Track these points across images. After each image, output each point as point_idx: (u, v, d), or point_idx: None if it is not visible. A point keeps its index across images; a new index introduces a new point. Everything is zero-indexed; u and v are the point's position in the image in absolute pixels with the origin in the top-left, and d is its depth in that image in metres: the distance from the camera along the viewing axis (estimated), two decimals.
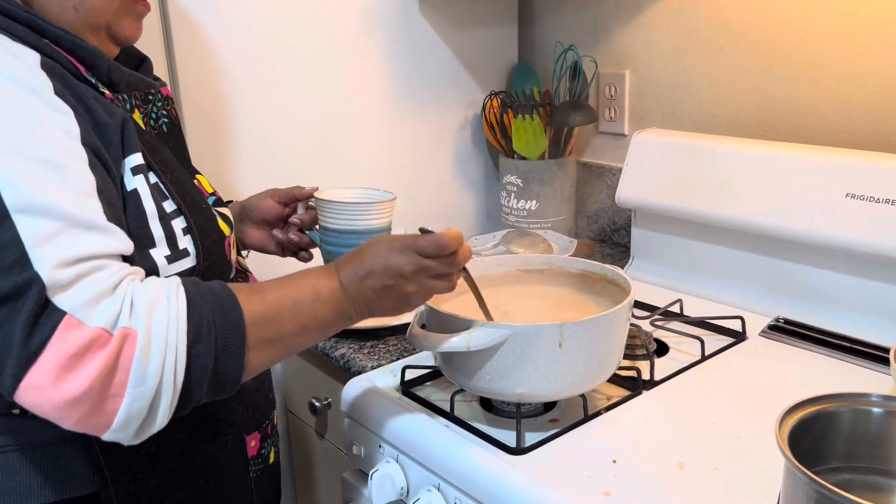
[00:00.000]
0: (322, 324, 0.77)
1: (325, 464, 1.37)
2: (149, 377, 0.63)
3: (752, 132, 1.35)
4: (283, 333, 0.74)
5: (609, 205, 1.59)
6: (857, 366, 1.02)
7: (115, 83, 0.81)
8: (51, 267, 0.61)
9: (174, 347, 0.65)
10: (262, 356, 0.73)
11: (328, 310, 0.77)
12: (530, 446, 0.86)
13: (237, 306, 0.70)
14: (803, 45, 1.25)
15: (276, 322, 0.73)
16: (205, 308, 0.68)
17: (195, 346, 0.66)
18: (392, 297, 0.79)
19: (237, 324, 0.69)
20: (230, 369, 0.69)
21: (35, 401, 0.62)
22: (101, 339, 0.62)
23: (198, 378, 0.67)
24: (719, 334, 1.13)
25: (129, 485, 0.79)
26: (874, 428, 0.70)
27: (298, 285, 0.76)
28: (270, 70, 1.36)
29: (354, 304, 0.78)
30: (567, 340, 0.83)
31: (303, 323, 0.75)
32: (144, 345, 0.63)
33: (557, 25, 1.64)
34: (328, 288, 0.77)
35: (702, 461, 0.82)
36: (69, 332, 0.61)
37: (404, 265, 0.77)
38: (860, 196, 1.05)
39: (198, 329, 0.67)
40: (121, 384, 0.63)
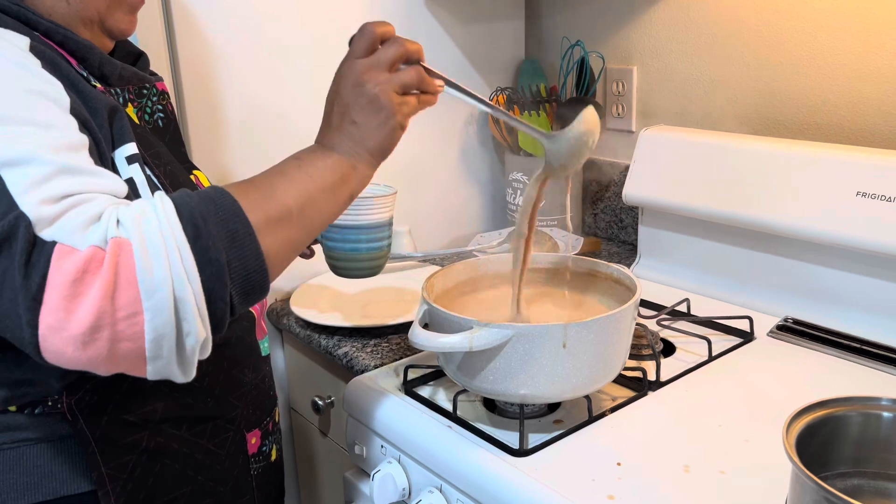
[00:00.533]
0: (323, 184, 0.73)
1: (328, 462, 1.37)
2: (158, 284, 0.59)
3: (762, 129, 1.33)
4: (286, 206, 0.69)
5: (616, 202, 1.57)
6: (867, 367, 1.01)
7: (106, 76, 0.80)
8: (35, 203, 0.59)
9: (175, 247, 0.61)
10: (277, 238, 0.68)
11: (320, 165, 0.73)
12: (534, 448, 0.85)
13: (227, 195, 0.66)
14: (813, 40, 1.23)
15: (272, 197, 0.69)
16: (193, 203, 0.64)
17: (197, 240, 0.62)
18: (367, 110, 0.75)
19: (234, 210, 0.65)
20: (248, 258, 0.65)
21: (58, 347, 0.59)
22: (97, 257, 0.59)
23: (215, 276, 0.62)
24: (727, 334, 1.11)
25: (126, 482, 0.78)
26: (884, 433, 0.69)
27: (281, 163, 0.74)
28: (273, 64, 1.35)
29: (345, 149, 0.74)
30: (571, 341, 0.81)
31: (301, 189, 0.71)
32: (141, 251, 0.60)
33: (564, 21, 1.63)
34: (309, 150, 0.75)
35: (708, 464, 0.81)
36: (63, 259, 0.58)
37: (354, 75, 0.74)
38: (871, 194, 1.04)
39: (194, 223, 0.63)
40: (133, 299, 0.59)
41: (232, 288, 0.64)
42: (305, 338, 1.25)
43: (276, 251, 0.68)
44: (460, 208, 1.69)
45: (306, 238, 0.72)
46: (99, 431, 0.76)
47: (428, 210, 1.61)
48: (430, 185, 1.61)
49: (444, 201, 1.65)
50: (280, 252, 0.69)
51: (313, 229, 0.73)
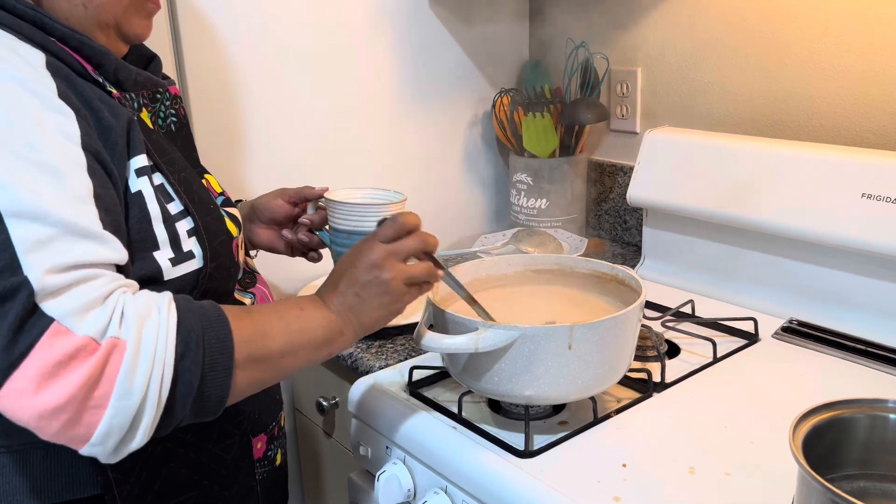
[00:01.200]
0: (311, 341, 0.76)
1: (333, 463, 1.37)
2: (134, 391, 0.62)
3: (766, 131, 1.33)
4: (271, 351, 0.73)
5: (620, 204, 1.57)
6: (873, 369, 1.00)
7: (122, 82, 0.81)
8: (41, 272, 0.60)
9: (162, 361, 0.64)
10: (249, 376, 0.71)
11: (315, 325, 0.76)
12: (539, 449, 0.85)
13: (227, 324, 0.69)
14: (818, 42, 1.23)
15: (263, 339, 0.72)
16: (194, 322, 0.67)
17: (183, 360, 0.65)
18: (374, 292, 0.78)
19: (225, 340, 0.68)
20: (216, 388, 0.68)
21: (14, 408, 0.60)
22: (89, 348, 0.60)
23: (183, 395, 0.66)
24: (732, 336, 1.11)
25: (133, 486, 0.78)
26: (891, 435, 0.69)
27: (284, 305, 0.77)
28: (279, 67, 1.35)
29: (342, 316, 0.78)
30: (577, 342, 0.81)
31: (290, 339, 0.74)
32: (133, 356, 0.62)
33: (569, 22, 1.63)
34: (312, 303, 0.78)
35: (713, 466, 0.81)
36: (56, 339, 0.60)
37: (371, 254, 0.78)
38: (876, 196, 1.04)
39: (186, 343, 0.66)
40: (104, 396, 0.61)
41: (190, 406, 0.67)
42: None
43: (241, 389, 0.71)
44: (464, 209, 1.69)
45: (274, 380, 0.76)
46: None
47: (432, 211, 1.61)
48: (434, 186, 1.61)
49: (448, 202, 1.65)
50: (245, 390, 0.72)
51: (284, 375, 0.77)
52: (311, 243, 1.11)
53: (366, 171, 1.50)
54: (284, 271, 1.38)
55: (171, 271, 0.76)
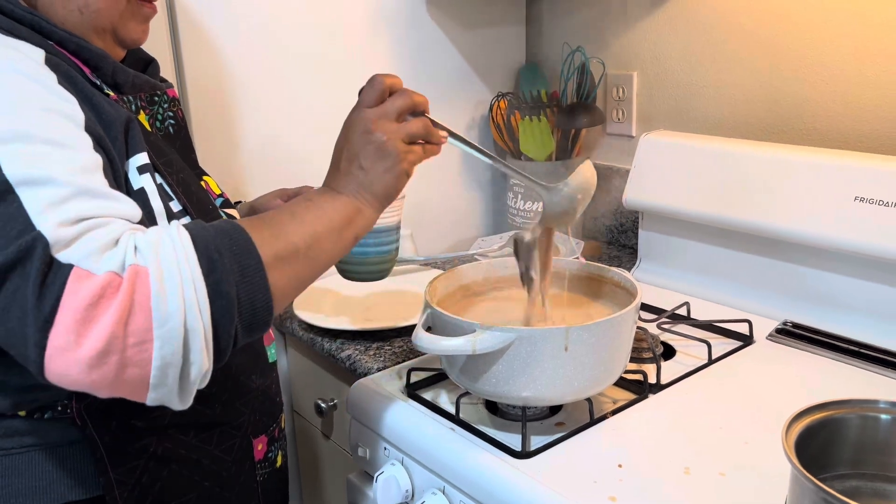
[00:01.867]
0: (330, 224, 0.75)
1: (331, 465, 1.37)
2: (171, 314, 0.60)
3: (761, 134, 1.34)
4: (294, 245, 0.71)
5: (616, 206, 1.58)
6: (865, 370, 1.01)
7: (119, 85, 0.81)
8: (54, 225, 0.60)
9: (190, 278, 0.62)
10: (284, 275, 0.70)
11: (328, 207, 0.76)
12: (536, 450, 0.85)
13: (242, 231, 0.68)
14: (812, 46, 1.25)
15: (282, 236, 0.71)
16: (209, 237, 0.65)
17: (211, 273, 0.63)
18: (374, 158, 0.77)
19: (248, 246, 0.67)
20: (256, 292, 0.66)
21: (64, 368, 0.59)
22: (114, 283, 0.59)
23: (224, 307, 0.63)
24: (727, 338, 1.12)
25: (134, 488, 0.78)
26: (882, 435, 0.70)
27: (291, 202, 0.76)
28: (277, 70, 1.36)
29: (352, 192, 0.77)
30: (573, 344, 0.82)
31: (309, 229, 0.73)
32: (157, 279, 0.60)
33: (565, 26, 1.64)
34: (318, 193, 0.78)
35: (708, 466, 0.82)
36: (79, 283, 0.59)
37: (361, 122, 0.78)
38: (869, 199, 1.05)
39: (209, 256, 0.64)
40: (145, 328, 0.59)
41: (238, 322, 0.65)
42: (309, 341, 1.25)
43: (282, 287, 0.70)
44: (462, 213, 1.70)
45: (311, 275, 0.75)
46: (107, 437, 0.76)
47: (430, 214, 1.62)
48: (432, 189, 1.62)
49: (445, 206, 1.66)
50: (286, 288, 0.71)
51: (319, 267, 0.75)
52: None
53: None
54: None
55: None
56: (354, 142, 0.78)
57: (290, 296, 0.72)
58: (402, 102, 0.80)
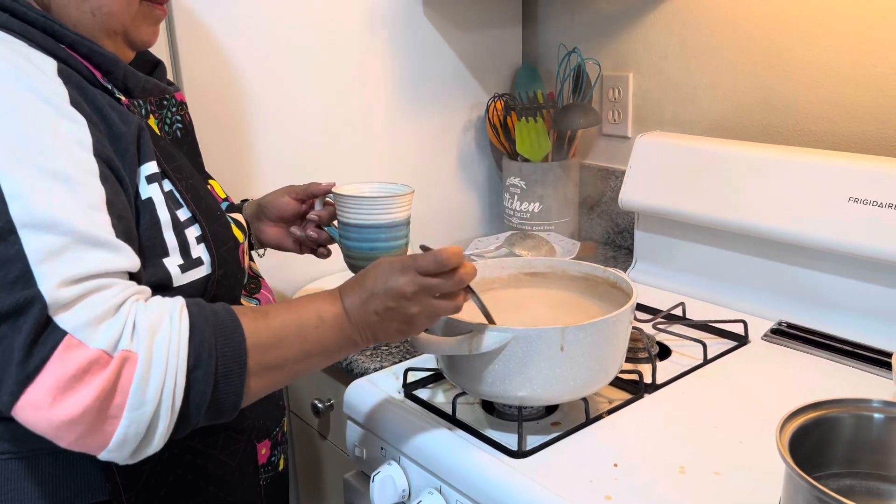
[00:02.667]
0: (325, 350, 0.76)
1: (328, 465, 1.38)
2: (147, 401, 0.63)
3: (756, 135, 1.35)
4: (285, 359, 0.73)
5: (612, 207, 1.59)
6: (859, 370, 1.02)
7: (130, 89, 0.81)
8: (54, 285, 0.61)
9: (174, 372, 0.64)
10: (262, 382, 0.72)
11: (332, 336, 0.76)
12: (532, 449, 0.86)
13: (240, 332, 0.69)
14: (807, 48, 1.25)
15: (278, 347, 0.72)
16: (207, 332, 0.67)
17: (195, 370, 0.66)
18: (395, 319, 0.77)
19: (239, 350, 0.68)
20: (229, 395, 0.68)
21: (32, 419, 0.61)
22: (101, 361, 0.61)
23: (196, 403, 0.66)
24: (722, 338, 1.13)
25: (140, 492, 0.79)
26: (875, 434, 0.70)
27: (303, 310, 0.75)
28: (274, 72, 1.36)
29: (359, 330, 0.77)
30: (569, 344, 0.83)
31: (306, 349, 0.74)
32: (145, 368, 0.63)
33: (561, 28, 1.64)
34: (332, 313, 0.76)
35: (703, 465, 0.82)
36: (69, 352, 0.60)
37: (405, 285, 0.75)
38: (863, 200, 1.05)
39: (199, 353, 0.66)
40: (119, 406, 0.62)
41: (204, 412, 0.68)
42: None
43: (255, 392, 0.72)
44: (458, 213, 1.70)
45: (284, 383, 0.77)
46: None
47: (426, 215, 1.62)
48: (428, 190, 1.62)
49: (442, 206, 1.66)
50: (258, 394, 0.72)
51: (296, 378, 0.77)
52: (320, 239, 1.09)
53: (360, 174, 1.51)
54: (285, 273, 1.39)
55: (180, 278, 0.76)
56: (387, 292, 0.76)
57: (259, 396, 0.74)
58: (450, 288, 0.78)
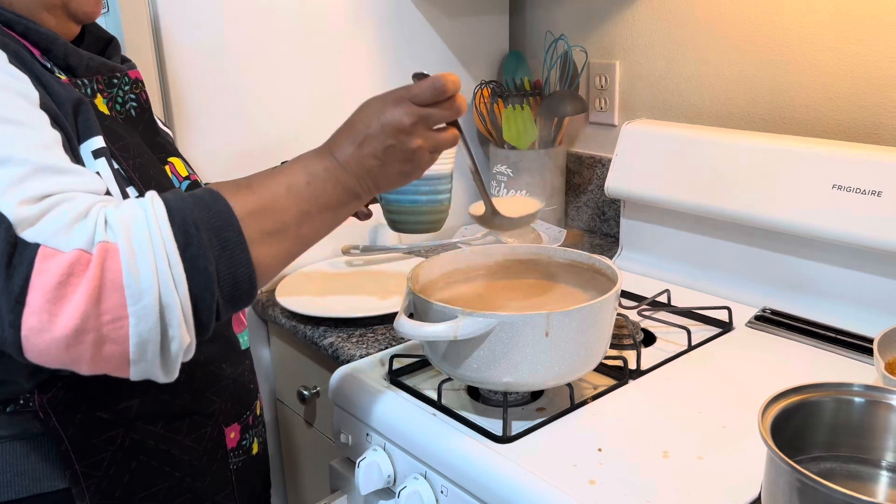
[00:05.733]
0: (325, 206, 0.71)
1: (314, 452, 1.38)
2: (145, 290, 0.59)
3: (741, 123, 1.35)
4: (284, 223, 0.68)
5: (598, 195, 1.59)
6: (841, 356, 1.03)
7: (73, 67, 0.78)
8: (15, 205, 0.58)
9: (163, 253, 0.60)
10: (271, 250, 0.67)
11: (328, 189, 0.71)
12: (517, 435, 0.86)
13: (223, 201, 0.65)
14: (793, 36, 1.26)
15: (272, 211, 0.68)
16: (187, 209, 0.63)
17: (187, 248, 0.61)
18: (396, 158, 0.72)
19: (228, 219, 0.64)
20: (239, 268, 0.64)
21: (42, 348, 0.58)
22: (82, 260, 0.58)
23: (203, 284, 0.62)
24: (706, 324, 1.13)
25: (101, 480, 0.77)
26: (856, 417, 0.71)
27: (289, 171, 0.71)
28: (260, 57, 1.35)
29: (357, 178, 0.72)
30: (554, 330, 0.83)
31: (304, 208, 0.70)
32: (128, 256, 0.59)
33: (548, 15, 1.64)
34: (322, 167, 0.71)
35: (686, 450, 0.83)
36: (47, 262, 0.57)
37: (402, 117, 0.71)
38: (846, 187, 1.06)
39: (185, 230, 0.62)
40: (119, 304, 0.58)
41: (220, 296, 0.64)
42: (291, 328, 1.25)
43: (266, 262, 0.67)
44: None
45: (299, 251, 0.72)
46: (72, 429, 0.75)
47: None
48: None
49: None
50: (271, 263, 0.68)
51: (308, 244, 0.72)
52: None
53: None
54: None
55: None
56: (383, 129, 0.72)
57: (277, 269, 0.70)
58: (450, 115, 0.74)
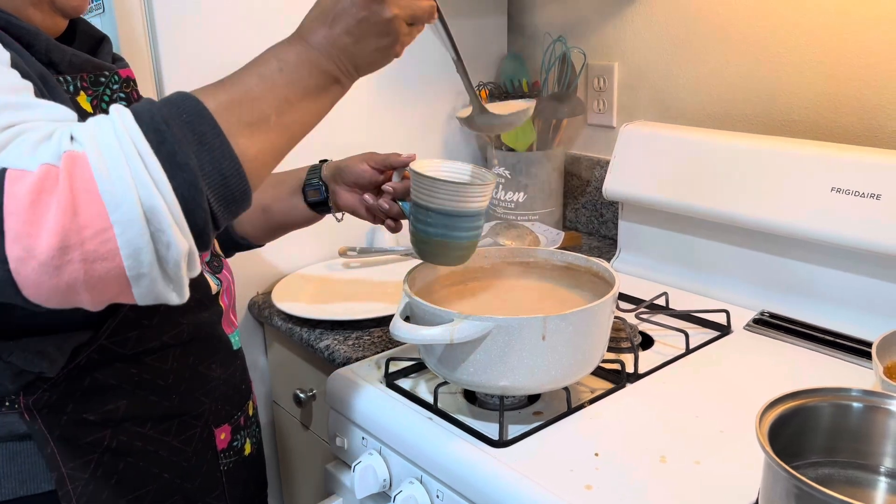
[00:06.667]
0: (305, 92, 0.68)
1: (310, 455, 1.37)
2: (122, 195, 0.56)
3: (740, 125, 1.35)
4: (263, 112, 0.65)
5: (596, 197, 1.59)
6: (840, 360, 1.02)
7: (55, 63, 0.76)
8: None
9: (135, 154, 0.57)
10: (255, 142, 0.64)
11: (304, 74, 0.67)
12: (513, 439, 0.86)
13: (192, 98, 0.62)
14: (791, 38, 1.25)
15: (247, 101, 0.64)
16: (154, 109, 0.60)
17: (162, 145, 0.58)
18: (371, 32, 0.69)
19: (199, 111, 0.61)
20: (222, 160, 0.60)
21: (34, 277, 0.55)
22: (51, 174, 0.55)
23: (187, 182, 0.58)
24: (704, 328, 1.13)
25: (88, 482, 0.76)
26: (854, 422, 0.70)
27: (259, 61, 0.68)
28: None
29: (334, 60, 0.68)
30: (550, 333, 0.82)
31: (281, 95, 0.66)
32: (98, 161, 0.56)
33: (546, 16, 1.64)
34: (294, 51, 0.68)
35: (684, 454, 0.82)
36: (15, 185, 0.55)
37: None
38: (845, 190, 1.06)
39: (156, 128, 0.58)
40: (98, 215, 0.55)
41: (209, 194, 0.60)
42: (287, 331, 1.25)
43: (253, 154, 0.64)
44: None
45: (287, 143, 0.68)
46: (58, 431, 0.74)
47: None
48: None
49: None
50: (258, 155, 0.64)
51: (294, 135, 0.69)
52: (392, 212, 1.03)
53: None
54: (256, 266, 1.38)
55: None
56: (353, 2, 0.68)
57: (267, 164, 0.66)
58: None
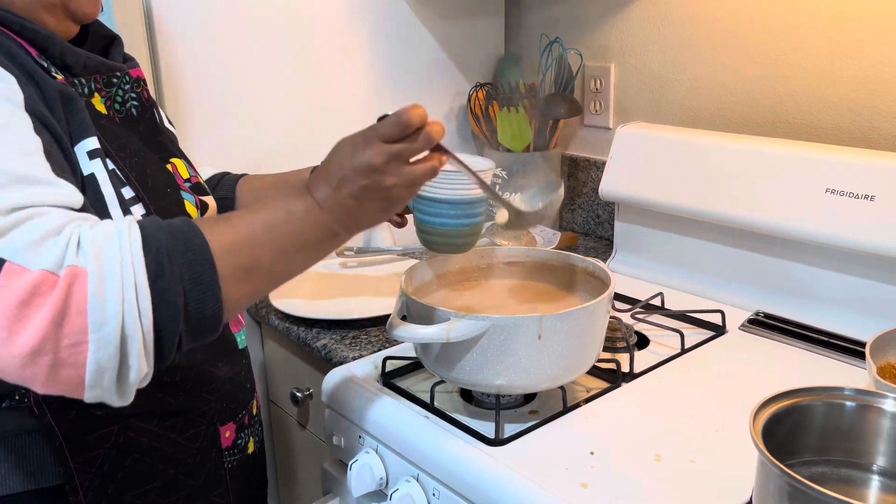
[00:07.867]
0: (302, 245, 0.71)
1: (307, 454, 1.37)
2: (108, 318, 0.58)
3: (735, 127, 1.36)
4: (259, 260, 0.67)
5: (593, 198, 1.59)
6: (834, 360, 1.03)
7: (69, 66, 0.78)
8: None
9: (132, 283, 0.59)
10: (242, 288, 0.66)
11: (307, 229, 0.71)
12: (509, 437, 0.86)
13: (200, 235, 0.64)
14: (787, 40, 1.26)
15: (249, 248, 0.67)
16: (163, 239, 0.62)
17: (158, 280, 0.60)
18: (373, 197, 0.72)
19: (203, 253, 0.63)
20: (207, 304, 0.63)
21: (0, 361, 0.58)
22: (48, 282, 0.57)
23: (169, 316, 0.61)
24: (699, 328, 1.13)
25: (94, 477, 0.77)
26: (847, 421, 0.71)
27: (268, 209, 0.70)
28: (254, 58, 1.35)
29: (336, 218, 0.72)
30: (546, 333, 0.83)
31: (280, 246, 0.69)
32: (97, 282, 0.58)
33: (543, 18, 1.64)
34: (301, 206, 0.71)
35: (679, 453, 0.83)
36: (10, 279, 0.56)
37: (373, 157, 0.71)
38: (840, 191, 1.06)
39: (157, 261, 0.61)
40: (80, 330, 0.57)
41: (184, 329, 0.63)
42: (284, 330, 1.25)
43: (235, 300, 0.67)
44: None
45: (271, 288, 0.72)
46: (66, 426, 0.75)
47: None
48: None
49: None
50: (240, 300, 0.68)
51: (280, 282, 0.72)
52: None
53: None
54: None
55: None
56: (356, 171, 0.71)
57: (245, 306, 0.69)
58: (421, 147, 0.73)
